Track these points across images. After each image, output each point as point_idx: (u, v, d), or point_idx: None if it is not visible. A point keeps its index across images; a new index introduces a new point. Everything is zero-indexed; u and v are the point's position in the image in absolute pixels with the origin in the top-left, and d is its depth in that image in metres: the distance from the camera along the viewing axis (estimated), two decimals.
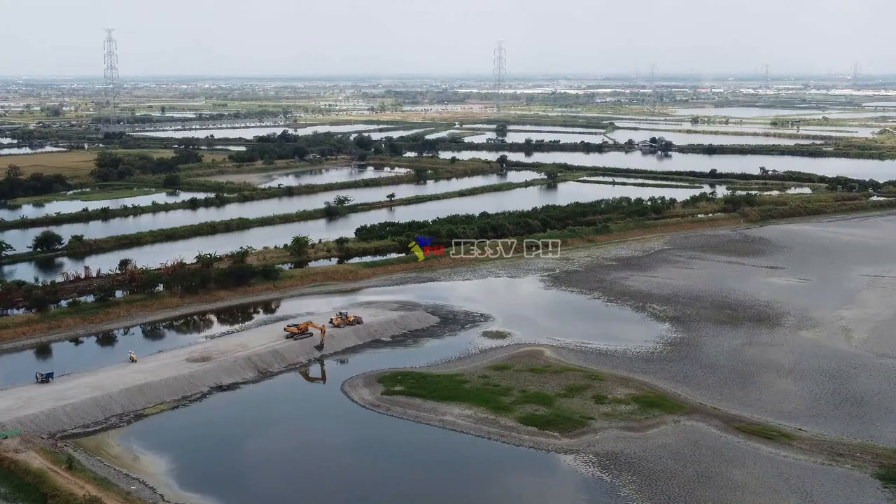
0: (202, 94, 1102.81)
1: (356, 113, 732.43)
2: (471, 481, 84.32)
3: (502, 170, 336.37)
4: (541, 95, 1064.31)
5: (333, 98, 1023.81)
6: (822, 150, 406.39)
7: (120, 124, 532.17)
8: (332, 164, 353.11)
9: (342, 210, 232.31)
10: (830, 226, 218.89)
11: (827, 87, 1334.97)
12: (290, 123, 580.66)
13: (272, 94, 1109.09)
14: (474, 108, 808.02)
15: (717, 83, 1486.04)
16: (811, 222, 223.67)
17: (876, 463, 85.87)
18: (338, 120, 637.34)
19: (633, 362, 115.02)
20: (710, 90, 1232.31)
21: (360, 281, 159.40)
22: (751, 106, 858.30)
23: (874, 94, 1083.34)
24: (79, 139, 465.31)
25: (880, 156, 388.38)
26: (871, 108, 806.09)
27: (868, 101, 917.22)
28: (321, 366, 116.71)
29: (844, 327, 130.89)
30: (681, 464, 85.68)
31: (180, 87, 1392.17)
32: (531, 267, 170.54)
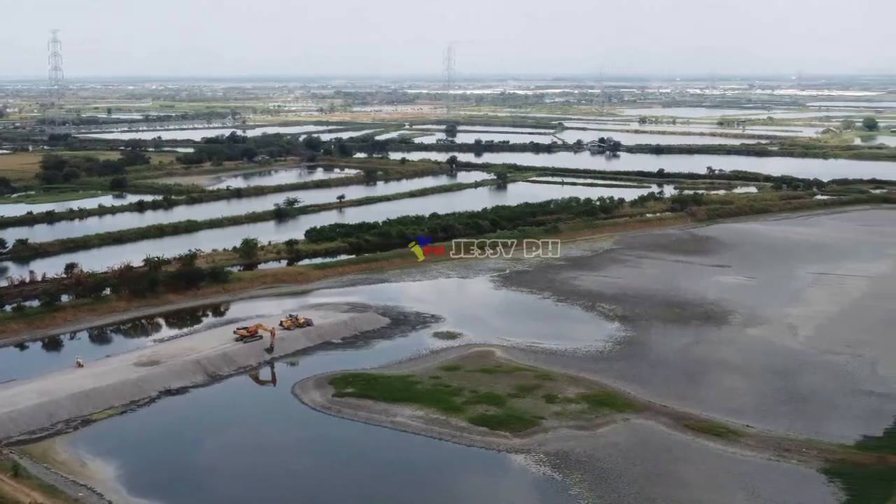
0: (149, 96, 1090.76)
1: (305, 114, 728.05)
2: (423, 482, 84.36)
3: (452, 170, 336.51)
4: (490, 96, 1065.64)
5: (282, 99, 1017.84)
6: (768, 150, 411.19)
7: (65, 126, 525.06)
8: (281, 166, 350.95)
9: (292, 212, 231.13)
10: (776, 224, 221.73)
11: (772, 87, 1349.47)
12: (238, 125, 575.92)
13: (220, 95, 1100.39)
14: (424, 109, 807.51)
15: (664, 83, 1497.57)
16: (757, 221, 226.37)
17: (821, 458, 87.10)
18: (287, 121, 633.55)
19: (583, 361, 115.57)
20: (657, 90, 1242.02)
21: (311, 283, 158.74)
22: (698, 106, 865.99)
23: (818, 95, 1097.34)
24: (23, 141, 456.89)
25: (824, 155, 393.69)
26: (815, 107, 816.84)
27: (812, 101, 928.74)
28: (271, 368, 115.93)
29: (790, 324, 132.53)
30: (630, 462, 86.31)
31: (127, 87, 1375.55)
32: (482, 267, 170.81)
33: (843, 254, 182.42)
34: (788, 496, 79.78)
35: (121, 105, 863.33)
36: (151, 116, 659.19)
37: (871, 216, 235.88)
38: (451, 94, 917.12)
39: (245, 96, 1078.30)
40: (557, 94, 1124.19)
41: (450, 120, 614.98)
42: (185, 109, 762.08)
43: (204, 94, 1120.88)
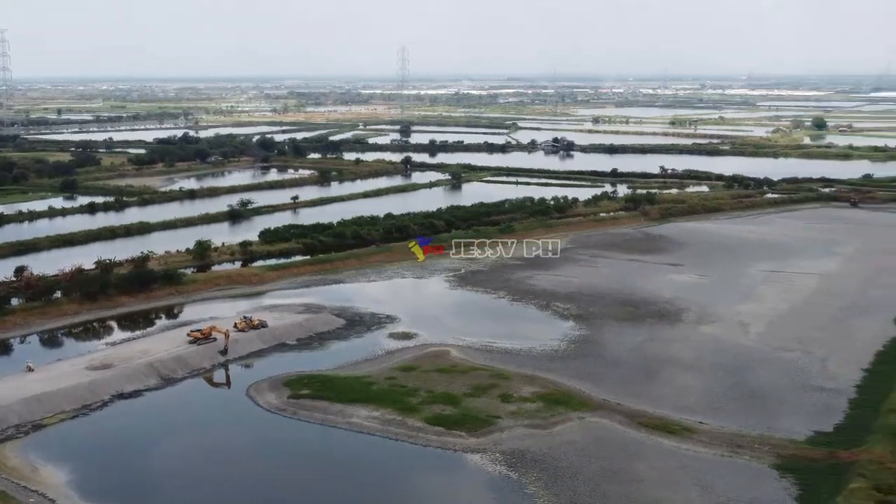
0: (100, 96, 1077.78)
1: (259, 114, 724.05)
2: (379, 482, 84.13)
3: (407, 171, 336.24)
4: (444, 96, 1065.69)
5: (235, 99, 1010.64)
6: (719, 149, 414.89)
7: (14, 127, 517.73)
8: (234, 166, 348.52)
9: (246, 213, 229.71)
10: (728, 223, 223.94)
11: (723, 87, 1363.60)
12: (191, 125, 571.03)
13: (172, 96, 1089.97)
14: (378, 110, 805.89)
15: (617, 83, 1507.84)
16: (709, 220, 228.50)
17: (773, 454, 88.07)
18: (240, 121, 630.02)
19: (539, 360, 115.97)
20: (610, 90, 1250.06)
21: (265, 284, 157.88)
22: (650, 106, 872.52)
23: (768, 94, 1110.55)
24: None
25: (774, 154, 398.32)
26: (766, 107, 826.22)
27: (762, 101, 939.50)
28: (226, 371, 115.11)
29: (742, 322, 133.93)
30: (586, 460, 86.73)
31: (77, 88, 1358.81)
32: (437, 267, 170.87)
33: (794, 252, 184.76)
34: (741, 492, 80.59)
35: (71, 105, 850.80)
36: (102, 117, 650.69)
37: (821, 214, 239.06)
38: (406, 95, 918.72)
39: (198, 97, 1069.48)
40: (511, 94, 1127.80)
41: (404, 120, 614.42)
42: (137, 110, 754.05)
43: (156, 95, 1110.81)
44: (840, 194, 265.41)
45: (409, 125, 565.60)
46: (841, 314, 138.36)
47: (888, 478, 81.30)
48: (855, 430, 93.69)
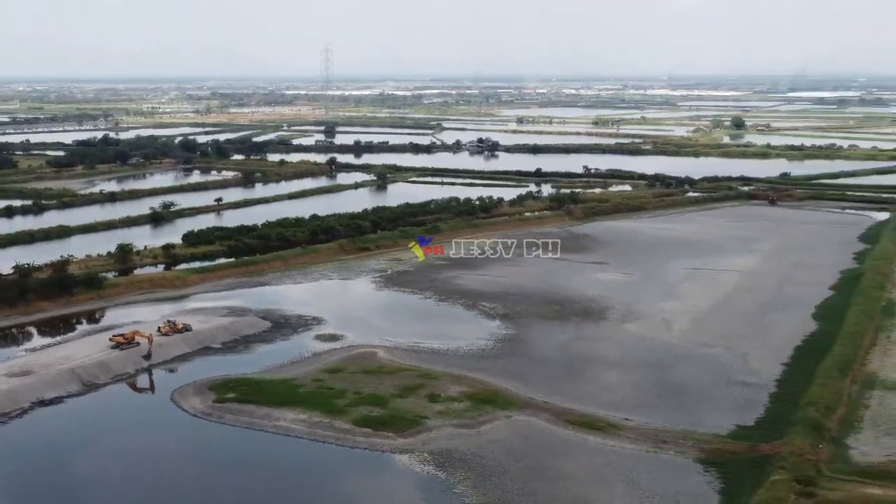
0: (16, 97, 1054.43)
1: (181, 115, 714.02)
2: (306, 485, 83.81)
3: (332, 172, 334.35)
4: (369, 97, 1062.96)
5: (157, 100, 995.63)
6: (641, 149, 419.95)
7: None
8: (156, 168, 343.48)
9: (168, 215, 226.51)
10: (650, 221, 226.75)
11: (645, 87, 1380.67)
12: (111, 127, 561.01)
13: (91, 97, 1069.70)
14: (302, 110, 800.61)
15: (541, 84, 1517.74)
16: (632, 218, 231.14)
17: (697, 448, 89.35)
18: (162, 123, 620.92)
19: (466, 360, 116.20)
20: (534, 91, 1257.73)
21: (189, 287, 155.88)
22: (573, 106, 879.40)
23: (688, 94, 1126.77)
24: None
25: (695, 153, 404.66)
26: (686, 107, 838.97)
27: (683, 101, 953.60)
28: (149, 375, 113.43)
29: (666, 319, 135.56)
30: (513, 458, 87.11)
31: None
32: (363, 268, 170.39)
33: (715, 249, 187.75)
34: (666, 487, 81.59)
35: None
36: (19, 118, 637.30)
37: (740, 212, 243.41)
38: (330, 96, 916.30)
39: (117, 98, 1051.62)
40: (436, 94, 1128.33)
41: (329, 121, 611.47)
42: (55, 111, 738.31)
43: (74, 96, 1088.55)
44: (759, 193, 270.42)
45: (334, 126, 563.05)
46: (761, 310, 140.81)
47: (808, 469, 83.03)
48: (775, 423, 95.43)
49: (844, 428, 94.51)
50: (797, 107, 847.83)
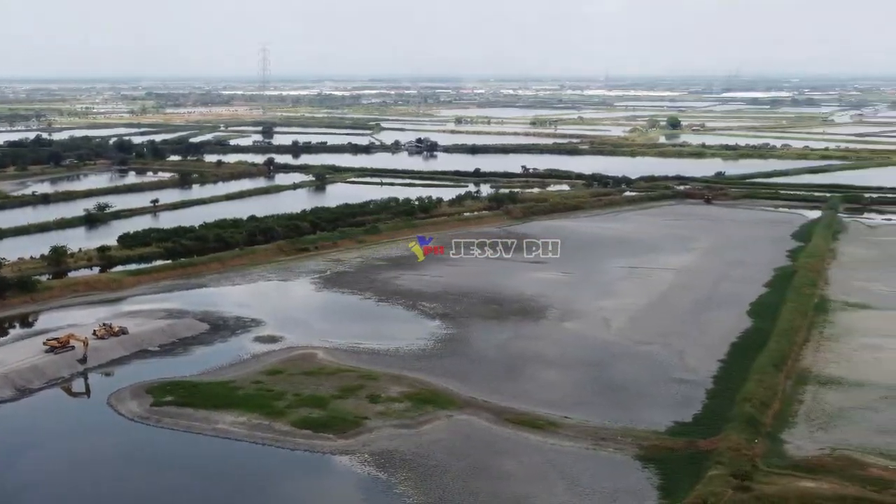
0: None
1: (116, 116, 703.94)
2: (246, 488, 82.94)
3: (270, 172, 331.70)
4: (307, 97, 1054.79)
5: (91, 101, 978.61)
6: (579, 148, 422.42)
7: None
8: (91, 170, 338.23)
9: (104, 217, 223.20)
10: (588, 221, 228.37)
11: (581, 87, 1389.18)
12: (44, 127, 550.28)
13: (24, 97, 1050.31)
14: (239, 111, 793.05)
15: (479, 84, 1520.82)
16: (570, 218, 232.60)
17: (636, 445, 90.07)
18: (96, 123, 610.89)
19: (406, 360, 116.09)
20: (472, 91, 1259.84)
21: (125, 290, 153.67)
22: (511, 106, 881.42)
23: (624, 94, 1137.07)
24: None
25: (632, 153, 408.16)
26: (622, 107, 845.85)
27: (619, 101, 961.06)
28: (85, 380, 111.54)
29: (604, 317, 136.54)
30: (454, 457, 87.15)
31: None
32: (302, 269, 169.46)
33: (652, 248, 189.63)
34: (606, 484, 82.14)
35: None
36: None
37: (676, 211, 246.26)
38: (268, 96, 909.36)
39: (51, 98, 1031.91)
40: (374, 94, 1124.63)
41: (266, 121, 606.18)
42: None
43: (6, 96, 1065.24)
44: (694, 192, 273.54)
45: (272, 126, 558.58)
46: (697, 307, 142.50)
47: (744, 464, 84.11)
48: (712, 419, 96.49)
49: (779, 423, 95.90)
50: (731, 107, 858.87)
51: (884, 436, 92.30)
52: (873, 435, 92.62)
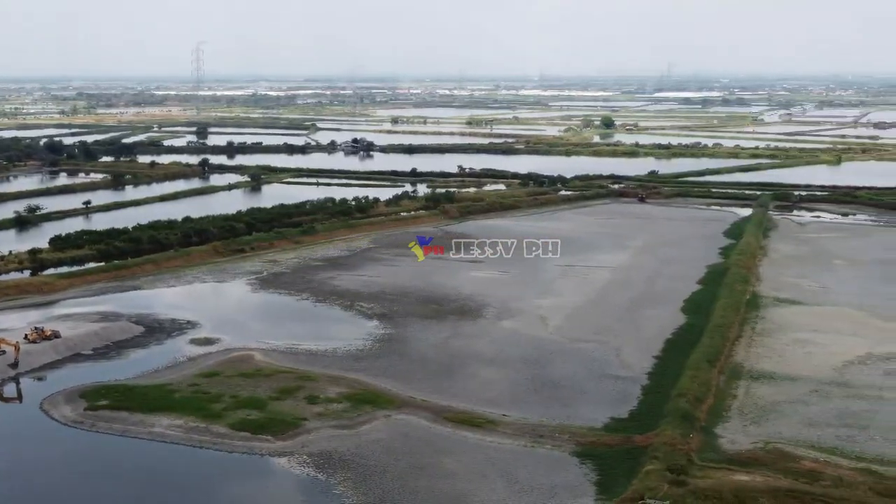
0: None
1: (46, 116, 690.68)
2: (183, 492, 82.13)
3: (204, 173, 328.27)
4: (241, 97, 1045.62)
5: (20, 101, 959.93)
6: (514, 148, 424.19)
7: None
8: (20, 171, 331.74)
9: (34, 219, 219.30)
10: (524, 220, 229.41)
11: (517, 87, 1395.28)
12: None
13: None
14: (173, 111, 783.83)
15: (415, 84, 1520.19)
16: (507, 217, 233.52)
17: (573, 441, 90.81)
18: (26, 124, 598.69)
19: (344, 361, 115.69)
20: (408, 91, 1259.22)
21: (57, 293, 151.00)
22: (447, 106, 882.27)
23: (559, 95, 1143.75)
24: None
25: (567, 152, 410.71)
26: (557, 107, 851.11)
27: (554, 101, 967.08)
28: (16, 385, 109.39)
29: (541, 315, 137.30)
30: (393, 457, 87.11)
31: None
32: (238, 271, 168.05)
33: (587, 246, 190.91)
34: (544, 480, 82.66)
35: None
36: None
37: (611, 209, 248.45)
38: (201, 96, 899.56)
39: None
40: (310, 95, 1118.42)
41: (200, 122, 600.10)
42: None
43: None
44: (628, 191, 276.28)
45: (206, 127, 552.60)
46: (632, 305, 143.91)
47: (679, 459, 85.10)
48: (648, 415, 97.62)
49: (713, 418, 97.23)
50: (664, 107, 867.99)
51: (814, 429, 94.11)
52: (804, 428, 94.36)
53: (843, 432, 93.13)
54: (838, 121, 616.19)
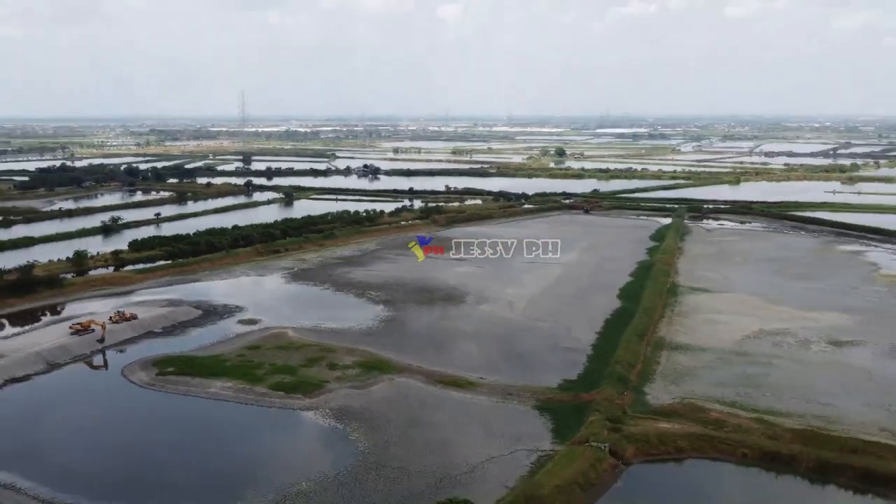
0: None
1: (125, 148, 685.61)
2: (234, 438, 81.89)
3: (248, 191, 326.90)
4: (277, 133, 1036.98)
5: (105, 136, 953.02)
6: (489, 172, 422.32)
7: None
8: (106, 190, 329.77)
9: (116, 227, 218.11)
10: (496, 226, 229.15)
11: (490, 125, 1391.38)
12: (67, 157, 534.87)
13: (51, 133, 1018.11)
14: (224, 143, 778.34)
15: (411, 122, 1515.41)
16: (483, 225, 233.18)
17: (535, 398, 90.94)
18: (110, 153, 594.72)
19: (357, 336, 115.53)
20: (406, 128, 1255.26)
21: (134, 284, 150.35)
22: (436, 140, 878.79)
23: (523, 130, 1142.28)
24: None
25: (528, 175, 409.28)
26: (521, 140, 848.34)
27: (520, 136, 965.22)
28: (103, 356, 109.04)
29: (509, 301, 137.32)
30: (395, 411, 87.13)
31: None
32: (275, 267, 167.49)
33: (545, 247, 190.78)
34: (512, 429, 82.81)
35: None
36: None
37: (563, 219, 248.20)
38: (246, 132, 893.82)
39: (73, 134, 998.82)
40: (329, 131, 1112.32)
41: (245, 152, 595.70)
42: (21, 145, 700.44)
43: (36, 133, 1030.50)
44: (576, 204, 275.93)
45: (250, 156, 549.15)
46: (579, 293, 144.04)
47: (616, 411, 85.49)
48: (592, 377, 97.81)
49: (642, 380, 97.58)
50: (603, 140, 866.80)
51: (719, 388, 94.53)
52: (712, 387, 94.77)
53: (741, 390, 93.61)
54: (737, 151, 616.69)
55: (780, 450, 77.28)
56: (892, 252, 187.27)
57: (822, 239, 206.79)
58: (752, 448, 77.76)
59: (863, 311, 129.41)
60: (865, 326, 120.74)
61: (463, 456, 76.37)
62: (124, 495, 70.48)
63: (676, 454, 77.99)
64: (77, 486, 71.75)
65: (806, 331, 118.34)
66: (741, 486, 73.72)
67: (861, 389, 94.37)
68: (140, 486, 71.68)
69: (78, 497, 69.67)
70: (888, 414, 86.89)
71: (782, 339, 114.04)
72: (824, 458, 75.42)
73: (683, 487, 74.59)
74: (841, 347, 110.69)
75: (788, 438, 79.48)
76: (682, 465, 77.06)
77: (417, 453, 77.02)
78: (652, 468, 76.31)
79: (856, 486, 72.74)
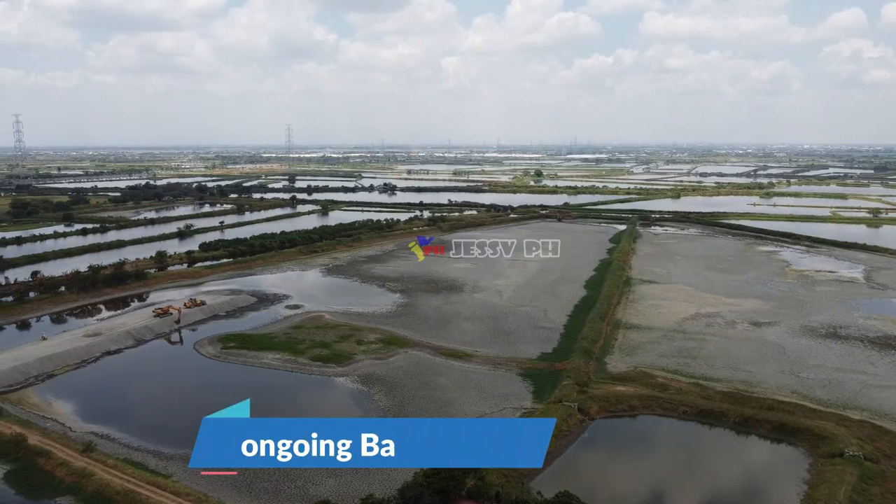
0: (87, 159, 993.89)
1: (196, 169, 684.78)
2: (283, 398, 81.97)
3: (293, 204, 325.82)
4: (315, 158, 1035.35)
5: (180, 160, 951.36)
6: (482, 188, 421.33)
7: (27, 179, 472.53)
8: (181, 203, 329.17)
9: (189, 233, 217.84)
10: (489, 231, 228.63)
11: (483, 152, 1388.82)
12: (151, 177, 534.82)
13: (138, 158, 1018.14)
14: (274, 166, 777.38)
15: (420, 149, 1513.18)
16: (478, 230, 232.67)
17: (519, 367, 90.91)
18: (184, 174, 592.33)
19: (379, 318, 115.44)
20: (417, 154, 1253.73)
21: (203, 278, 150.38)
22: (441, 163, 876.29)
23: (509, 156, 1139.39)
24: None
25: (514, 191, 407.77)
26: (508, 164, 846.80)
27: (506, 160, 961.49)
28: (179, 334, 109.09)
29: (498, 290, 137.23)
30: (409, 377, 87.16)
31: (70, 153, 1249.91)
32: (314, 264, 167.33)
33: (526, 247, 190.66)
34: (501, 390, 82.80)
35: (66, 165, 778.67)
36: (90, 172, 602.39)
37: (540, 226, 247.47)
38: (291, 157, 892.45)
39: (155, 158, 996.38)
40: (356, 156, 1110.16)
41: (291, 173, 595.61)
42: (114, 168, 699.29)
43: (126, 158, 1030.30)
44: (551, 214, 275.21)
45: (295, 176, 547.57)
46: (553, 283, 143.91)
47: (583, 377, 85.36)
48: (564, 351, 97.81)
49: (603, 352, 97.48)
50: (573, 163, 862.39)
51: (664, 359, 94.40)
52: (658, 358, 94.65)
53: (681, 361, 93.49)
54: (678, 172, 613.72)
55: (712, 407, 77.33)
56: (799, 252, 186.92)
57: (745, 241, 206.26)
58: (690, 406, 77.82)
59: (776, 299, 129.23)
60: (778, 310, 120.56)
61: (463, 412, 76.28)
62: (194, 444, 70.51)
63: (630, 411, 77.99)
64: (158, 437, 71.98)
65: (732, 314, 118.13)
66: (682, 435, 73.73)
67: (776, 360, 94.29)
68: None
69: (159, 446, 69.96)
70: (797, 379, 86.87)
71: (713, 321, 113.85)
72: (747, 414, 75.53)
73: (636, 437, 74.53)
74: (759, 327, 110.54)
75: (718, 398, 79.56)
76: (636, 419, 77.05)
77: (427, 409, 76.95)
78: (611, 422, 76.29)
79: (772, 437, 72.85)
